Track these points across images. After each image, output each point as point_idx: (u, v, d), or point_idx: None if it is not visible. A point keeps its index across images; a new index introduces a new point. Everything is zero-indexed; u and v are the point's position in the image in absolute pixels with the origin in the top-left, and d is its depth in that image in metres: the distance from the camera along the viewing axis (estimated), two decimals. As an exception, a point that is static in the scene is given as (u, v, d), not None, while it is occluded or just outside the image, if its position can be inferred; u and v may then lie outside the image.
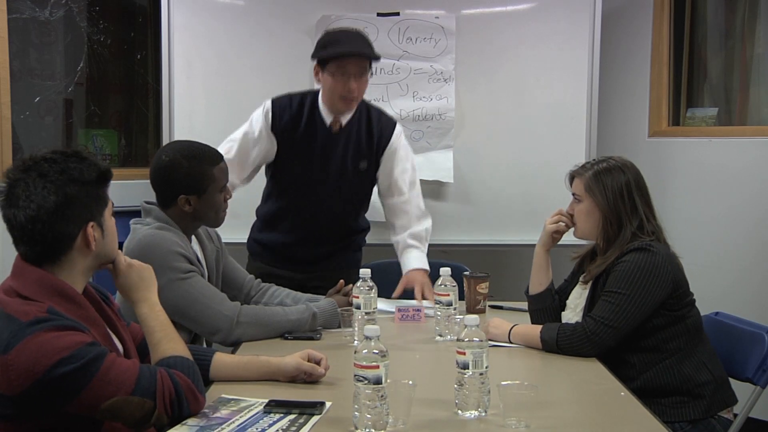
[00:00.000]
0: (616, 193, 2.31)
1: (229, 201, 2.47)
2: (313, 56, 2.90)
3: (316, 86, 2.97)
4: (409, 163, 3.09)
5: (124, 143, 4.50)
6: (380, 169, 3.05)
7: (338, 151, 2.97)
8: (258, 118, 2.98)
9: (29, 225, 1.64)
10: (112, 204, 1.77)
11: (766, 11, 3.90)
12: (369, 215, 3.36)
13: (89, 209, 1.68)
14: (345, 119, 2.97)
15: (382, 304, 2.68)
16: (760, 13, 3.92)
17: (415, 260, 3.00)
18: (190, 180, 2.36)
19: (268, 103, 3.00)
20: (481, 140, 3.82)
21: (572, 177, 2.42)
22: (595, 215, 2.35)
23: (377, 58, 2.90)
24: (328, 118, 2.96)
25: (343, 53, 2.81)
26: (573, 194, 2.42)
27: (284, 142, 2.98)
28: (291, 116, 2.97)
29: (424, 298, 2.81)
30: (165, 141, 3.65)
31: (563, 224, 2.46)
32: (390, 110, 3.73)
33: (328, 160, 2.98)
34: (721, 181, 3.85)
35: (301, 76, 3.40)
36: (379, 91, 3.74)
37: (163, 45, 3.70)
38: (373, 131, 3.01)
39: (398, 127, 3.08)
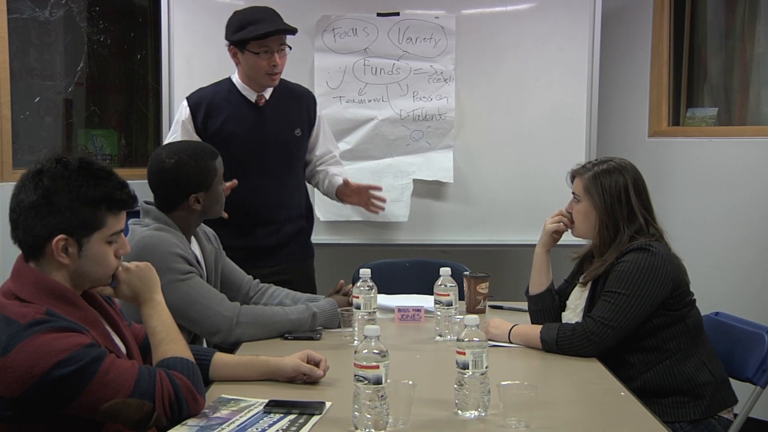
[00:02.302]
0: (614, 197, 2.31)
1: None
2: (233, 39, 2.95)
3: (244, 70, 3.01)
4: (328, 126, 3.29)
5: (124, 143, 4.49)
6: (314, 138, 3.19)
7: (270, 122, 3.06)
8: (178, 120, 3.04)
9: (13, 214, 1.67)
10: (115, 234, 1.71)
11: (766, 11, 3.90)
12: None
13: (66, 223, 1.64)
14: (268, 93, 3.06)
15: (383, 300, 2.68)
16: (760, 13, 3.92)
17: (342, 178, 3.17)
18: (198, 177, 2.39)
19: (185, 102, 3.07)
20: (481, 140, 3.81)
21: (573, 176, 2.42)
22: (592, 216, 2.35)
23: (294, 31, 2.98)
24: (251, 95, 3.04)
25: (269, 33, 2.90)
26: (573, 193, 2.42)
27: (210, 131, 3.01)
28: (208, 105, 3.03)
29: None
30: (165, 141, 3.65)
31: (563, 224, 2.46)
32: (390, 110, 3.74)
33: (262, 133, 3.04)
34: (721, 181, 3.85)
35: (300, 76, 3.40)
36: (379, 91, 3.74)
37: (163, 45, 3.70)
38: (300, 101, 3.15)
39: (315, 96, 3.27)
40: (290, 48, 3.02)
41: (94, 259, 1.70)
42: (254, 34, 2.89)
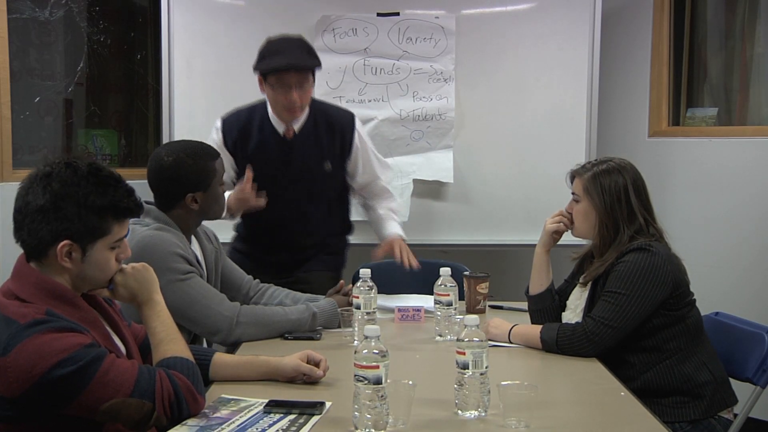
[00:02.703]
0: (613, 197, 2.31)
1: None
2: (254, 68, 2.87)
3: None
4: (373, 153, 3.14)
5: (124, 143, 4.49)
6: (353, 167, 3.08)
7: (296, 157, 2.97)
8: (212, 140, 2.97)
9: (18, 215, 1.67)
10: (119, 241, 1.72)
11: (766, 11, 3.90)
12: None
13: (72, 230, 1.64)
14: (297, 125, 2.96)
15: (383, 300, 2.68)
16: (760, 13, 3.92)
17: (395, 227, 3.09)
18: (196, 177, 2.39)
19: (219, 123, 3.02)
20: (481, 140, 3.82)
21: (573, 176, 2.42)
22: (592, 217, 2.35)
23: (313, 67, 2.88)
24: (279, 126, 2.96)
25: (279, 67, 2.80)
26: (572, 193, 2.42)
27: (240, 156, 2.97)
28: (240, 131, 2.98)
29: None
30: (165, 141, 3.65)
31: (563, 224, 2.46)
32: (390, 110, 3.74)
33: (288, 167, 2.97)
34: (721, 181, 3.85)
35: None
36: (379, 91, 3.74)
37: (163, 45, 3.70)
38: (333, 131, 3.02)
39: (357, 122, 3.09)
40: (314, 82, 2.90)
41: (96, 264, 1.70)
42: (267, 68, 2.83)
